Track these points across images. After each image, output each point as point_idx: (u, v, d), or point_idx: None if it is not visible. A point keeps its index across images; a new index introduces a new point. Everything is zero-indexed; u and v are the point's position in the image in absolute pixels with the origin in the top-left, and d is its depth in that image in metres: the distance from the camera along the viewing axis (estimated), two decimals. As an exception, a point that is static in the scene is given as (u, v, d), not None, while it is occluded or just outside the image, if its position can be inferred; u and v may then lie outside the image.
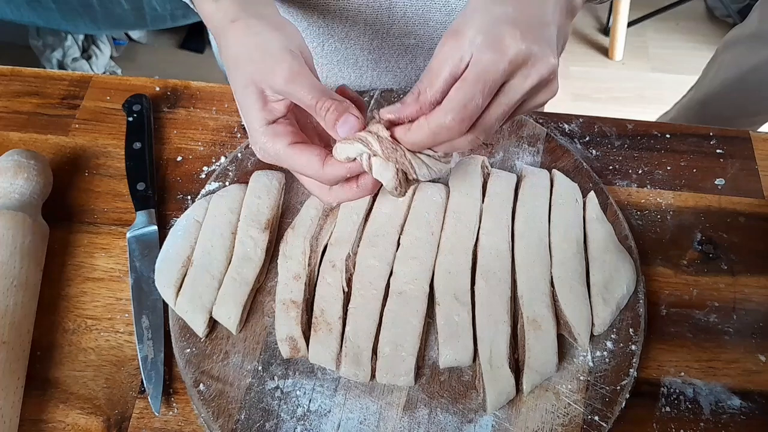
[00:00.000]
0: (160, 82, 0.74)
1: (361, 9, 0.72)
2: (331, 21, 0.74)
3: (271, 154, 0.47)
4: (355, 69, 0.80)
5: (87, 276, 0.61)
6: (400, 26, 0.75)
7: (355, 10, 0.72)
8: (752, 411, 0.55)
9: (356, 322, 0.55)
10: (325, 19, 0.74)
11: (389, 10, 0.72)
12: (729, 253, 0.63)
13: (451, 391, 0.54)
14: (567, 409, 0.53)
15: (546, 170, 0.65)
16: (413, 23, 0.74)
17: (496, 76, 0.41)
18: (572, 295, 0.56)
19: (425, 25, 0.75)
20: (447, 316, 0.55)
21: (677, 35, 2.15)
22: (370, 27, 0.75)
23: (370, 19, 0.74)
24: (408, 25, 0.75)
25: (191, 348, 0.55)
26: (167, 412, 0.54)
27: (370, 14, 0.73)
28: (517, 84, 0.42)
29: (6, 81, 0.74)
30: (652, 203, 0.66)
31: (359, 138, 0.44)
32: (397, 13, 0.73)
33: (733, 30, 1.28)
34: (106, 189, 0.66)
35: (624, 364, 0.55)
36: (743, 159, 0.69)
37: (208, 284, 0.57)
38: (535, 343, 0.53)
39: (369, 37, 0.76)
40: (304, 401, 0.53)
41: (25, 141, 0.70)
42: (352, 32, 0.75)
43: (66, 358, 0.56)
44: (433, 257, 0.58)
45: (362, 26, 0.75)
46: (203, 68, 1.99)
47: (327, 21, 0.74)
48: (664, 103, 1.50)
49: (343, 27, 0.75)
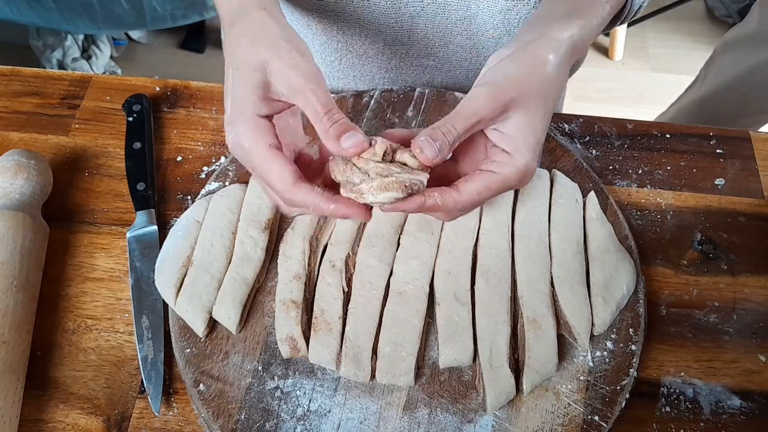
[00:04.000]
0: (160, 82, 0.74)
1: (382, 29, 0.72)
2: (351, 37, 0.74)
3: (245, 147, 0.45)
4: (371, 85, 0.80)
5: (87, 276, 0.61)
6: (420, 47, 0.74)
7: (376, 29, 0.72)
8: (752, 411, 0.55)
9: (356, 322, 0.55)
10: (344, 34, 0.73)
11: (410, 30, 0.72)
12: (729, 253, 0.63)
13: (451, 391, 0.54)
14: (567, 409, 0.53)
15: (546, 170, 0.65)
16: (433, 45, 0.74)
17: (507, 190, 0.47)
18: (572, 295, 0.56)
19: (445, 48, 0.74)
20: (447, 316, 0.55)
21: (677, 35, 2.15)
22: (389, 46, 0.74)
23: (390, 38, 0.73)
24: (428, 46, 0.74)
25: (191, 348, 0.55)
26: (167, 412, 0.54)
27: (390, 34, 0.73)
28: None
29: (6, 81, 0.74)
30: (652, 203, 0.66)
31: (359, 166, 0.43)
32: (417, 34, 0.73)
33: (731, 30, 1.28)
34: (106, 189, 0.66)
35: (624, 364, 0.55)
36: (743, 159, 0.69)
37: (208, 284, 0.57)
38: (535, 343, 0.53)
39: (387, 56, 0.75)
40: (304, 401, 0.53)
41: (25, 141, 0.70)
42: (371, 50, 0.75)
43: (66, 358, 0.56)
44: (433, 257, 0.58)
45: (381, 45, 0.74)
46: (203, 68, 1.99)
47: (346, 37, 0.74)
48: (664, 103, 1.50)
49: (363, 44, 0.74)
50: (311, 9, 0.70)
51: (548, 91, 0.46)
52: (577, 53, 0.49)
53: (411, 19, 0.71)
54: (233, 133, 0.45)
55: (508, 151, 0.46)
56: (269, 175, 0.44)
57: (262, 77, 0.44)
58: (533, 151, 0.46)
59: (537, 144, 0.46)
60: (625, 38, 2.06)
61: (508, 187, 0.46)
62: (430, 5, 0.69)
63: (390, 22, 0.71)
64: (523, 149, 0.45)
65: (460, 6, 0.69)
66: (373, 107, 0.70)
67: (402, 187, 0.42)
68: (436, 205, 0.44)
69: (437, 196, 0.44)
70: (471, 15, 0.70)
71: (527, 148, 0.45)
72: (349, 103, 0.70)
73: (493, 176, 0.45)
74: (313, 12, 0.71)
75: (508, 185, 0.46)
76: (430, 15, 0.70)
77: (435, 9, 0.70)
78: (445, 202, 0.44)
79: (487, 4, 0.69)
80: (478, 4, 0.69)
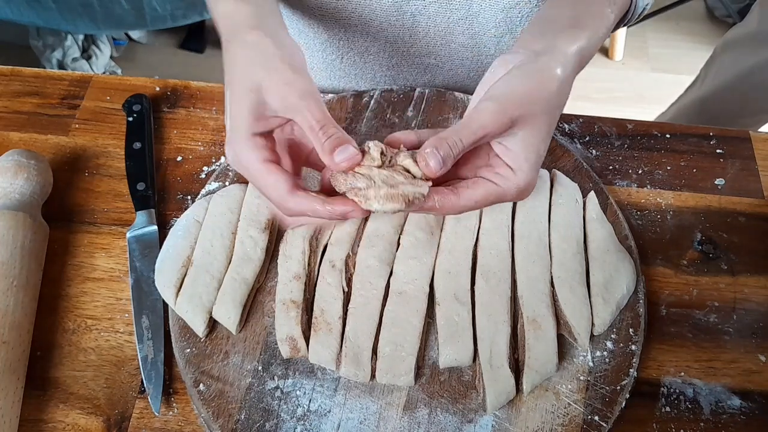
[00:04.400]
0: (160, 82, 0.74)
1: (383, 26, 0.72)
2: (352, 35, 0.74)
3: (243, 164, 0.47)
4: (372, 84, 0.80)
5: (87, 276, 0.61)
6: (422, 46, 0.74)
7: (377, 27, 0.72)
8: (752, 411, 0.55)
9: (356, 322, 0.55)
10: (346, 32, 0.73)
11: (411, 29, 0.72)
12: (729, 253, 0.63)
13: (451, 391, 0.54)
14: (567, 409, 0.53)
15: (546, 170, 0.65)
16: (435, 44, 0.74)
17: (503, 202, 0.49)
18: (572, 295, 0.56)
19: (447, 47, 0.74)
20: (447, 316, 0.55)
21: (677, 35, 2.15)
22: (390, 44, 0.75)
23: (392, 36, 0.73)
24: (429, 45, 0.74)
25: (191, 348, 0.55)
26: (167, 412, 0.54)
27: (391, 32, 0.73)
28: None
29: (6, 81, 0.74)
30: (652, 203, 0.66)
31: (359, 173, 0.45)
32: (419, 33, 0.73)
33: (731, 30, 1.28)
34: (106, 189, 0.66)
35: (624, 364, 0.55)
36: (743, 159, 0.69)
37: (208, 284, 0.57)
38: (535, 343, 0.53)
39: (389, 53, 0.76)
40: (304, 401, 0.53)
41: (25, 141, 0.70)
42: (373, 48, 0.75)
43: (66, 358, 0.56)
44: (433, 257, 0.58)
45: (383, 43, 0.74)
46: (203, 68, 1.99)
47: (348, 35, 0.74)
48: (664, 103, 1.50)
49: (364, 42, 0.74)
50: (313, 7, 0.70)
51: (554, 107, 0.48)
52: (583, 65, 0.50)
53: (413, 18, 0.71)
54: (231, 152, 0.47)
55: (511, 167, 0.47)
56: (266, 188, 0.46)
57: (257, 97, 0.46)
58: (535, 169, 0.47)
59: (539, 159, 0.48)
60: (625, 38, 2.06)
61: (505, 200, 0.48)
62: (432, 4, 0.69)
63: (392, 20, 0.71)
64: (525, 167, 0.47)
65: (462, 5, 0.69)
66: (373, 107, 0.70)
67: (406, 200, 0.44)
68: (434, 207, 0.46)
69: (436, 200, 0.46)
70: (473, 14, 0.70)
71: (529, 166, 0.47)
72: (349, 103, 0.70)
73: (494, 188, 0.47)
74: (314, 10, 0.71)
75: (506, 198, 0.48)
76: (432, 14, 0.70)
77: (437, 8, 0.70)
78: (444, 206, 0.46)
79: (489, 3, 0.68)
80: (480, 3, 0.69)
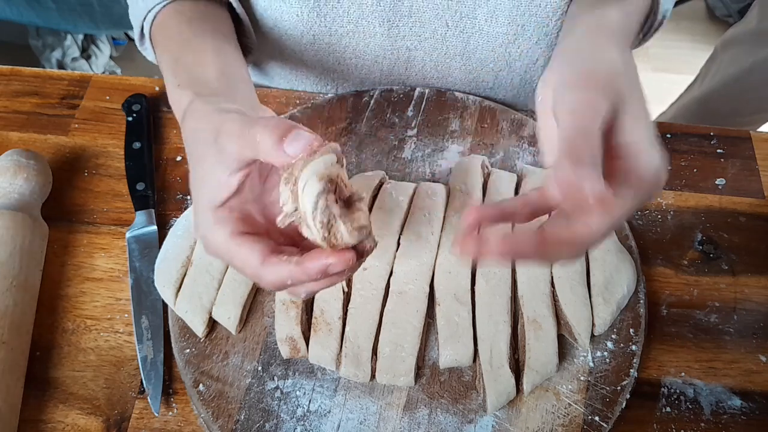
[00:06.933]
0: (159, 81, 0.74)
1: (378, 59, 0.72)
2: (347, 68, 0.74)
3: (208, 241, 0.41)
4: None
5: (86, 276, 0.61)
6: (418, 78, 0.74)
7: (372, 60, 0.72)
8: (753, 411, 0.54)
9: (356, 322, 0.54)
10: (340, 65, 0.73)
11: (407, 63, 0.72)
12: (729, 253, 0.63)
13: (451, 391, 0.54)
14: (567, 409, 0.53)
15: (546, 170, 0.65)
16: (431, 76, 0.74)
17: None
18: (572, 295, 0.56)
19: (443, 80, 0.74)
20: (447, 316, 0.55)
21: (677, 35, 2.15)
22: (386, 76, 0.74)
23: (387, 68, 0.73)
24: (426, 78, 0.74)
25: (191, 348, 0.55)
26: (167, 413, 0.54)
27: (386, 65, 0.72)
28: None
29: (6, 81, 0.74)
30: (653, 203, 0.66)
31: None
32: (415, 66, 0.72)
33: (731, 29, 1.28)
34: (105, 189, 0.66)
35: (624, 364, 0.55)
36: (744, 159, 0.69)
37: (208, 284, 0.57)
38: (535, 343, 0.53)
39: (384, 85, 0.75)
40: (304, 401, 0.53)
41: (25, 141, 0.69)
42: (368, 80, 0.75)
43: (66, 358, 0.56)
44: (433, 257, 0.58)
45: (378, 75, 0.74)
46: (203, 68, 1.99)
47: (342, 67, 0.74)
48: (664, 103, 1.50)
49: (359, 74, 0.74)
50: (306, 43, 0.70)
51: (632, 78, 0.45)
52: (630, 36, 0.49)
53: (408, 52, 0.71)
54: (197, 228, 0.43)
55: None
56: (239, 264, 0.41)
57: (212, 162, 0.42)
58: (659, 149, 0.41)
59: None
60: (625, 38, 2.06)
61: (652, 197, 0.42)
62: (428, 39, 0.69)
63: (387, 54, 0.71)
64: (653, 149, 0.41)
65: (459, 40, 0.69)
66: (373, 107, 0.70)
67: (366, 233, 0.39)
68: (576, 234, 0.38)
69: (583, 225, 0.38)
70: (470, 50, 0.70)
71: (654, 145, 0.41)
72: (349, 103, 0.70)
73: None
74: (307, 46, 0.71)
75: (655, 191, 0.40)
76: (428, 48, 0.70)
77: (433, 43, 0.69)
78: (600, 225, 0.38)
79: (487, 39, 0.68)
80: (478, 40, 0.68)
